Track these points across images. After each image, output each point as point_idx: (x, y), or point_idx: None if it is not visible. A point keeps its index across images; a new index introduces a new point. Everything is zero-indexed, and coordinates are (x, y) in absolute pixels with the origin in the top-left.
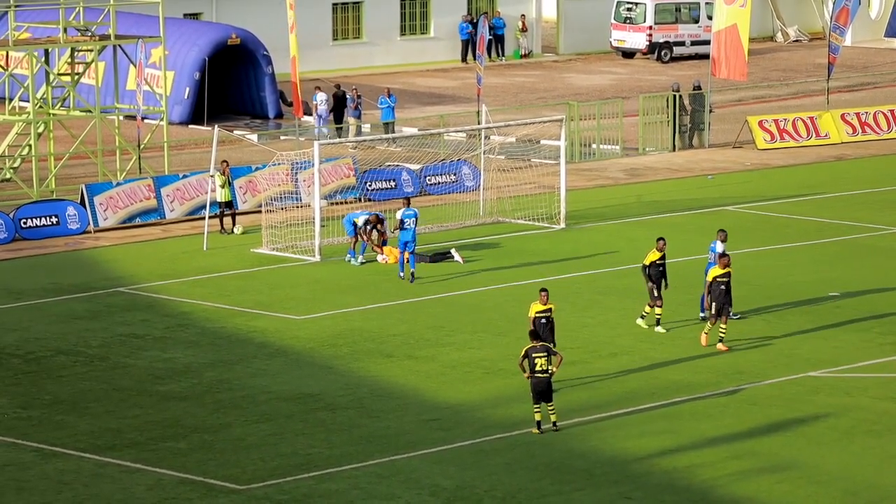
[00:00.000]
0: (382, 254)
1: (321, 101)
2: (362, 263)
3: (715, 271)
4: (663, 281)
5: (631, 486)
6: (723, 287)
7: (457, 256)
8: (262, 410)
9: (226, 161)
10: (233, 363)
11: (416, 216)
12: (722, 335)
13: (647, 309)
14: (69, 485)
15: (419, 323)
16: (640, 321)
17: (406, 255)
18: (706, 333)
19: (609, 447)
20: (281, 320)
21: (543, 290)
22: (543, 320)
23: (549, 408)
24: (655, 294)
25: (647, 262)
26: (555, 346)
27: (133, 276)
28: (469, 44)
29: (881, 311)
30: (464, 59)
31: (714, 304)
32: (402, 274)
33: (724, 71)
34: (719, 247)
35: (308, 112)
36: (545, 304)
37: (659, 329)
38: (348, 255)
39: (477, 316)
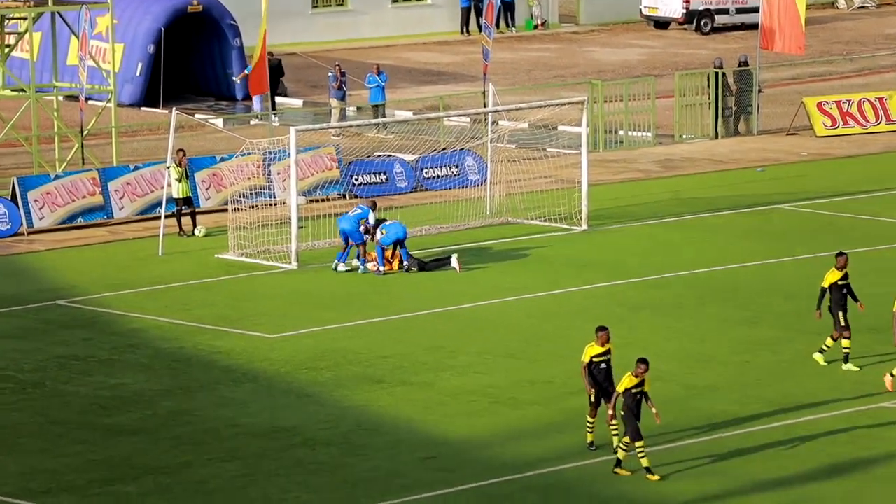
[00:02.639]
0: (373, 260)
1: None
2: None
3: None
4: (846, 309)
5: None
6: None
7: (454, 263)
8: (228, 447)
9: (182, 150)
10: (193, 391)
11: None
12: None
13: (830, 342)
14: None
15: (414, 343)
16: (818, 356)
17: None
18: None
19: (641, 491)
20: (250, 339)
21: (602, 328)
22: (603, 365)
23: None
24: (842, 323)
25: (826, 285)
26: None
27: (74, 286)
28: (470, 12)
29: None
30: (464, 31)
31: None
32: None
33: (779, 43)
34: None
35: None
36: (604, 346)
37: (848, 367)
38: (358, 263)
39: (483, 334)
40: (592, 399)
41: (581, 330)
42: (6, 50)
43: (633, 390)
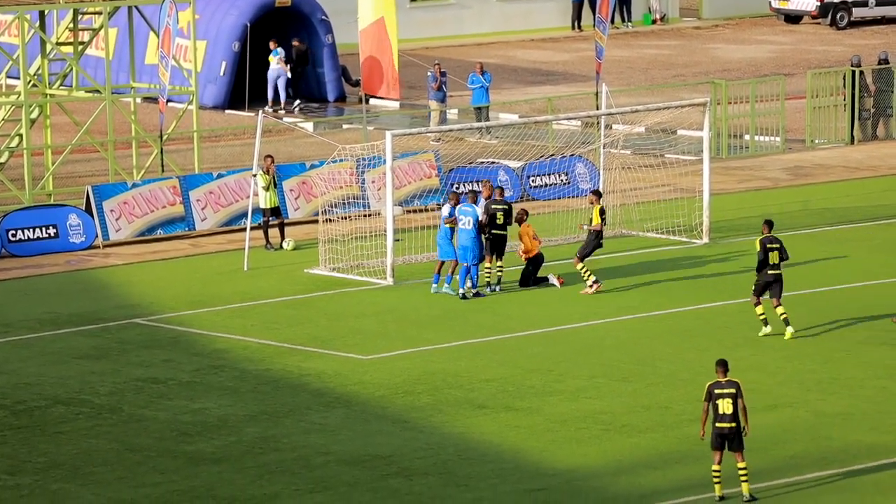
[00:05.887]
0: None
1: (279, 59)
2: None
3: None
4: None
5: None
6: None
7: (553, 280)
8: (318, 477)
9: (271, 156)
10: (281, 416)
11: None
12: None
13: None
14: None
15: (520, 365)
16: None
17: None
18: None
19: None
20: (343, 361)
21: None
22: None
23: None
24: None
25: None
26: None
27: (153, 303)
28: (582, 6)
29: None
30: (575, 26)
31: None
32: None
33: None
34: None
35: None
36: None
37: None
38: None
39: (594, 356)
40: None
41: (706, 351)
42: (80, 48)
43: None
